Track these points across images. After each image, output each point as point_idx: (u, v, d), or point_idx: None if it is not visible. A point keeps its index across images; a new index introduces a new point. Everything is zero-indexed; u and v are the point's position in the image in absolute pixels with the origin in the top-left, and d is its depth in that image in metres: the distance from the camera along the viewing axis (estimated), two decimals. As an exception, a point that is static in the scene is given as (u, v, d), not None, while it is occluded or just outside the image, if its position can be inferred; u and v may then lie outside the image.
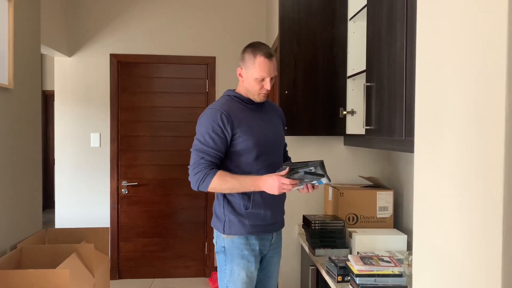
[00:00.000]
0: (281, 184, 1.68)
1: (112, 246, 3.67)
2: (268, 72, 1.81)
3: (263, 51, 1.81)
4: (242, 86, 1.90)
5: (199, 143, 1.80)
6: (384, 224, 2.30)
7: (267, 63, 1.81)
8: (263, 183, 1.73)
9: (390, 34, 1.77)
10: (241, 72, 1.88)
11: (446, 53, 0.71)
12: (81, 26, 3.66)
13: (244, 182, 1.75)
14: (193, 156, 1.82)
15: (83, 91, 3.67)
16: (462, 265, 0.63)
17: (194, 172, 1.79)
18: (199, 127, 1.84)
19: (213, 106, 1.85)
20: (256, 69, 1.80)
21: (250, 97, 1.89)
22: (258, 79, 1.81)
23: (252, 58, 1.82)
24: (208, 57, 3.76)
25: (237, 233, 1.82)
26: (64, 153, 3.66)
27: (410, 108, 1.59)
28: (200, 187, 1.78)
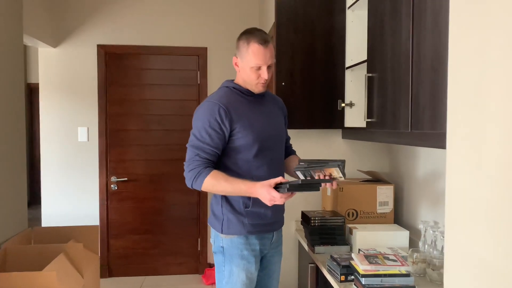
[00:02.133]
0: (272, 197, 1.57)
1: (102, 244, 3.55)
2: (263, 60, 1.69)
3: (258, 37, 1.69)
4: (239, 76, 1.80)
5: (194, 138, 1.70)
6: (385, 220, 2.24)
7: (262, 50, 1.68)
8: (255, 191, 1.61)
9: (394, 21, 1.68)
10: (237, 61, 1.77)
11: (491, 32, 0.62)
12: (67, 16, 3.51)
13: (237, 187, 1.64)
14: (188, 152, 1.72)
15: (69, 84, 3.53)
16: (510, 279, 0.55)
17: (188, 169, 1.70)
18: (195, 121, 1.74)
19: (211, 98, 1.75)
20: (251, 57, 1.69)
21: (249, 88, 1.78)
22: (254, 67, 1.70)
23: (246, 45, 1.70)
24: (199, 47, 3.64)
25: (236, 232, 1.73)
26: (50, 148, 3.53)
27: (417, 99, 1.51)
28: (194, 185, 1.69)
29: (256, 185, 1.60)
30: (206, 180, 1.64)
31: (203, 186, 1.66)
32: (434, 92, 1.40)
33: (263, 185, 1.58)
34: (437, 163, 2.02)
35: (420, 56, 1.49)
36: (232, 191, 1.65)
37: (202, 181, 1.65)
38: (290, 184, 1.53)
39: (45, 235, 2.62)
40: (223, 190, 1.67)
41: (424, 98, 1.47)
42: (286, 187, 1.53)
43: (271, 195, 1.56)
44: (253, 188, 1.61)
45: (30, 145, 6.78)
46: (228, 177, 1.65)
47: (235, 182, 1.64)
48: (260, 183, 1.60)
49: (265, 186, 1.58)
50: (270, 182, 1.58)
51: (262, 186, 1.58)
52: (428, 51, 1.44)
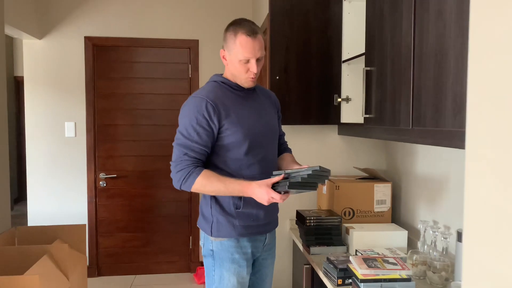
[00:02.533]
0: (270, 198, 1.49)
1: (91, 242, 3.46)
2: (252, 52, 1.59)
3: (246, 28, 1.59)
4: (227, 70, 1.70)
5: (182, 137, 1.61)
6: (382, 219, 2.17)
7: (250, 41, 1.58)
8: (252, 191, 1.53)
9: (395, 12, 1.60)
10: (224, 54, 1.67)
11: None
12: (53, 6, 3.37)
13: (231, 186, 1.55)
14: (175, 152, 1.62)
15: (55, 77, 3.40)
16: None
17: (176, 170, 1.60)
18: (181, 118, 1.64)
19: (197, 94, 1.65)
20: (238, 49, 1.59)
21: (238, 83, 1.69)
22: (242, 61, 1.60)
23: (233, 37, 1.60)
24: (190, 40, 3.53)
25: (226, 235, 1.64)
26: (36, 144, 3.41)
27: (419, 95, 1.43)
28: (183, 186, 1.59)
29: (252, 185, 1.51)
30: (197, 180, 1.56)
31: (194, 187, 1.57)
32: (437, 87, 1.32)
33: (261, 185, 1.50)
34: (436, 160, 1.95)
35: (422, 49, 1.41)
36: (225, 190, 1.56)
37: (192, 182, 1.56)
38: (291, 182, 1.45)
39: (30, 235, 2.52)
40: (215, 190, 1.58)
41: (426, 94, 1.39)
42: (286, 185, 1.45)
43: (270, 196, 1.48)
44: (249, 188, 1.52)
45: (18, 140, 6.62)
46: (221, 177, 1.56)
47: (228, 182, 1.55)
48: (257, 182, 1.51)
49: (262, 186, 1.49)
50: (268, 182, 1.50)
51: (260, 186, 1.50)
52: (431, 43, 1.36)
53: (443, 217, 1.87)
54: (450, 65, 1.26)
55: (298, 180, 1.45)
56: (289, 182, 1.46)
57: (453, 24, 1.25)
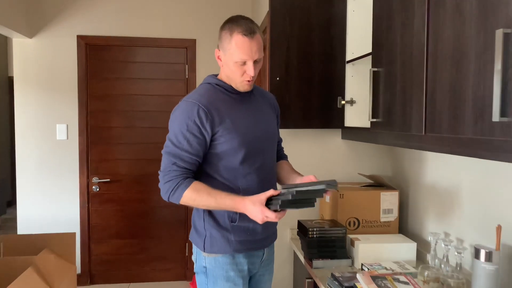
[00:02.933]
0: (264, 217, 1.36)
1: (83, 249, 3.33)
2: (249, 54, 1.45)
3: (242, 27, 1.45)
4: (222, 72, 1.57)
5: (171, 144, 1.48)
6: (389, 229, 2.04)
7: (247, 42, 1.44)
8: (244, 208, 1.39)
9: (406, 8, 1.47)
10: (219, 54, 1.53)
11: None
12: (44, 3, 3.24)
13: (222, 202, 1.42)
14: (164, 161, 1.50)
15: (47, 77, 3.27)
16: None
17: (164, 180, 1.47)
18: (171, 124, 1.51)
19: (189, 98, 1.51)
20: (234, 50, 1.45)
21: (233, 86, 1.56)
22: (239, 62, 1.46)
23: (228, 36, 1.46)
24: (187, 39, 3.41)
25: (220, 251, 1.51)
26: (27, 147, 3.28)
27: (434, 98, 1.31)
28: (171, 198, 1.47)
29: (245, 201, 1.38)
30: (186, 193, 1.43)
31: (182, 200, 1.45)
32: (455, 90, 1.20)
33: (254, 202, 1.36)
34: (447, 167, 1.83)
35: (437, 48, 1.29)
36: (216, 206, 1.43)
37: (181, 194, 1.44)
38: (282, 201, 1.31)
39: (17, 244, 2.40)
40: (205, 205, 1.45)
41: (442, 97, 1.27)
42: (278, 204, 1.31)
43: (263, 215, 1.35)
44: (241, 204, 1.39)
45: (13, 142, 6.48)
46: (211, 190, 1.43)
47: (219, 196, 1.41)
48: (250, 198, 1.38)
49: (256, 203, 1.36)
50: (261, 198, 1.36)
51: (253, 203, 1.36)
52: (447, 41, 1.24)
53: (455, 229, 1.75)
54: (470, 66, 1.14)
55: (288, 198, 1.31)
56: (281, 200, 1.32)
57: (474, 21, 1.12)
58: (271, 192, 1.36)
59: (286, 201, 1.32)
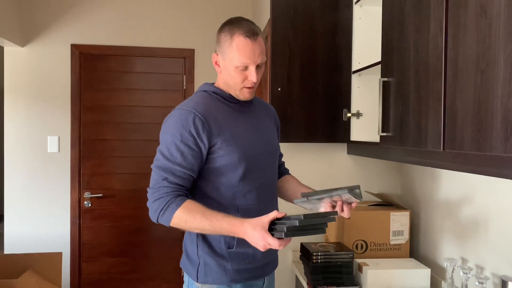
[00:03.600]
0: (266, 244, 1.17)
1: (73, 268, 3.16)
2: (251, 57, 1.32)
3: (244, 28, 1.32)
4: (220, 78, 1.43)
5: (162, 157, 1.33)
6: (399, 253, 1.88)
7: (249, 44, 1.32)
8: (244, 233, 1.21)
9: (420, 11, 1.34)
10: (217, 59, 1.40)
11: None
12: (37, 11, 3.14)
13: (218, 225, 1.24)
14: (153, 176, 1.35)
15: (39, 87, 3.15)
16: None
17: (153, 198, 1.32)
18: (163, 134, 1.37)
19: (184, 105, 1.37)
20: (235, 53, 1.32)
21: (232, 94, 1.42)
22: (240, 67, 1.33)
23: (228, 39, 1.33)
24: (186, 49, 3.29)
25: (216, 281, 1.35)
26: (16, 159, 3.13)
27: (454, 110, 1.16)
28: (160, 219, 1.31)
29: (244, 225, 1.20)
30: (177, 213, 1.27)
31: (173, 222, 1.29)
32: (479, 102, 1.06)
33: (255, 227, 1.18)
34: (462, 186, 1.68)
35: (458, 55, 1.15)
36: (211, 229, 1.26)
37: (171, 215, 1.28)
38: (288, 227, 1.14)
39: None
40: (199, 228, 1.29)
41: (464, 109, 1.12)
42: (283, 231, 1.14)
43: (266, 242, 1.17)
44: (240, 228, 1.21)
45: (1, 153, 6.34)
46: (206, 211, 1.26)
47: (215, 219, 1.24)
48: (250, 222, 1.20)
49: (257, 228, 1.17)
50: (263, 221, 1.18)
51: (254, 227, 1.18)
52: (470, 48, 1.10)
53: (474, 255, 1.59)
54: (498, 74, 1.00)
55: (295, 223, 1.13)
56: (286, 227, 1.15)
57: (502, 23, 0.99)
58: (274, 215, 1.18)
59: (292, 228, 1.14)
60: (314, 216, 1.18)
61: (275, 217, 1.18)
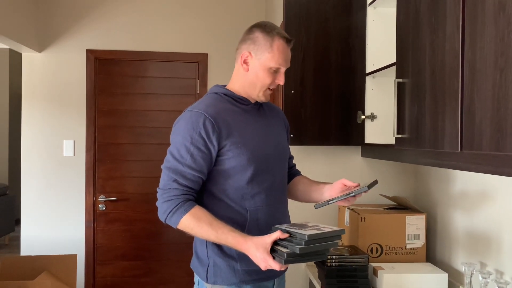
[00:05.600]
0: (268, 265, 1.22)
1: (87, 271, 3.18)
2: (286, 60, 1.41)
3: (282, 33, 1.39)
4: (240, 79, 1.43)
5: (172, 159, 1.34)
6: (415, 257, 1.85)
7: (286, 48, 1.39)
8: (247, 251, 1.25)
9: (436, 10, 1.33)
10: (248, 58, 1.40)
11: None
12: (54, 17, 3.20)
13: (224, 238, 1.27)
14: (163, 177, 1.36)
15: (55, 92, 3.20)
16: None
17: (163, 199, 1.33)
18: (173, 136, 1.39)
19: (194, 107, 1.38)
20: (274, 54, 1.36)
21: (250, 95, 1.43)
22: (272, 68, 1.38)
23: (268, 39, 1.37)
24: (199, 53, 3.31)
25: (225, 282, 1.35)
26: (32, 163, 3.18)
27: (471, 110, 1.14)
28: (168, 220, 1.33)
29: (247, 243, 1.24)
30: (184, 219, 1.29)
31: (180, 225, 1.31)
32: (499, 101, 1.03)
33: (258, 247, 1.22)
34: (480, 188, 1.64)
35: (475, 53, 1.13)
36: (216, 240, 1.29)
37: (179, 218, 1.29)
38: (288, 254, 1.17)
39: (15, 266, 2.27)
40: (204, 236, 1.31)
41: (482, 108, 1.10)
42: (283, 258, 1.17)
43: (267, 264, 1.22)
44: (244, 246, 1.25)
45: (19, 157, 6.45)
46: (213, 220, 1.29)
47: (221, 231, 1.27)
48: (253, 241, 1.24)
49: (259, 249, 1.22)
50: (266, 242, 1.21)
51: (257, 248, 1.22)
52: (488, 46, 1.08)
53: (493, 259, 1.55)
54: (518, 71, 0.98)
55: (295, 250, 1.15)
56: (286, 254, 1.17)
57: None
58: (277, 235, 1.21)
59: (292, 254, 1.17)
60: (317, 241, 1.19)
61: (278, 238, 1.21)
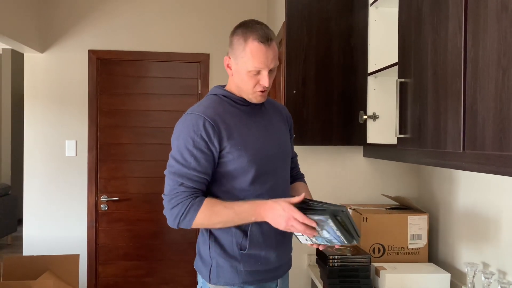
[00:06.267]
0: (291, 217, 1.22)
1: (89, 271, 3.18)
2: (264, 62, 1.32)
3: (258, 32, 1.32)
4: (232, 81, 1.43)
5: (176, 163, 1.33)
6: (417, 257, 1.84)
7: (263, 50, 1.31)
8: (266, 211, 1.26)
9: (438, 10, 1.32)
10: (229, 62, 1.39)
11: None
12: (56, 18, 3.20)
13: (241, 211, 1.28)
14: (168, 182, 1.35)
15: (57, 92, 3.20)
16: None
17: (171, 205, 1.32)
18: (175, 140, 1.37)
19: (193, 110, 1.37)
20: (248, 58, 1.32)
21: (244, 97, 1.42)
22: (252, 72, 1.33)
23: (242, 43, 1.32)
24: (201, 54, 3.31)
25: (228, 282, 1.35)
26: (35, 163, 3.19)
27: (474, 110, 1.14)
28: (182, 224, 1.31)
29: (268, 202, 1.28)
30: (200, 213, 1.28)
31: (196, 222, 1.30)
32: (501, 99, 1.03)
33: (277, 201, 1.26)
34: (483, 189, 1.64)
35: (478, 53, 1.13)
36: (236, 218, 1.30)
37: (194, 215, 1.28)
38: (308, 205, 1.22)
39: (18, 266, 2.27)
40: (223, 220, 1.31)
41: (485, 108, 1.10)
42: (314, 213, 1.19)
43: (290, 214, 1.22)
44: (264, 206, 1.28)
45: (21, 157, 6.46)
46: (226, 202, 1.31)
47: (237, 205, 1.30)
48: (273, 200, 1.28)
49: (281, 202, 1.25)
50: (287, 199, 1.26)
51: (276, 201, 1.26)
52: (491, 46, 1.07)
53: (495, 259, 1.54)
54: (521, 71, 0.97)
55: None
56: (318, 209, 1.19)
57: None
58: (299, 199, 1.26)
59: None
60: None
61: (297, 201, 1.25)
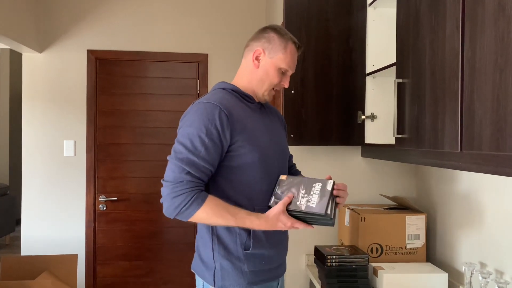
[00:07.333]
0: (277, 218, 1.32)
1: (87, 271, 3.18)
2: (294, 65, 1.48)
3: (294, 39, 1.46)
4: (248, 75, 1.42)
5: (184, 149, 1.26)
6: (415, 257, 1.85)
7: (296, 54, 1.47)
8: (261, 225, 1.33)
9: (436, 11, 1.33)
10: (261, 55, 1.41)
11: None
12: (54, 18, 3.20)
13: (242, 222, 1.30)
14: (172, 168, 1.27)
15: (55, 92, 3.20)
16: None
17: (175, 193, 1.24)
18: (185, 127, 1.30)
19: (208, 99, 1.33)
20: (286, 56, 1.42)
21: (256, 92, 1.43)
22: (282, 69, 1.42)
23: (284, 42, 1.42)
24: (199, 54, 3.31)
25: (233, 284, 1.33)
26: (33, 163, 3.18)
27: (471, 110, 1.14)
28: (180, 215, 1.26)
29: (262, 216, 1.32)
30: (202, 209, 1.25)
31: (196, 216, 1.26)
32: (498, 100, 1.04)
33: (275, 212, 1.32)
34: (481, 189, 1.64)
35: (475, 54, 1.13)
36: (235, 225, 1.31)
37: (195, 210, 1.24)
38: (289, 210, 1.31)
39: (16, 266, 2.27)
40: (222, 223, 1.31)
41: (482, 108, 1.10)
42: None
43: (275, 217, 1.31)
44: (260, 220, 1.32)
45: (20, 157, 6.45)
46: (229, 206, 1.30)
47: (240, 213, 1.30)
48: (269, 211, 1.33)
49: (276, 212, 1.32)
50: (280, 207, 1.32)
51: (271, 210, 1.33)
52: (488, 46, 1.08)
53: (492, 259, 1.55)
54: (518, 71, 0.98)
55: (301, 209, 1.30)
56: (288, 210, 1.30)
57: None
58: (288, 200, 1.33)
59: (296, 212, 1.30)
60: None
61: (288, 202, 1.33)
